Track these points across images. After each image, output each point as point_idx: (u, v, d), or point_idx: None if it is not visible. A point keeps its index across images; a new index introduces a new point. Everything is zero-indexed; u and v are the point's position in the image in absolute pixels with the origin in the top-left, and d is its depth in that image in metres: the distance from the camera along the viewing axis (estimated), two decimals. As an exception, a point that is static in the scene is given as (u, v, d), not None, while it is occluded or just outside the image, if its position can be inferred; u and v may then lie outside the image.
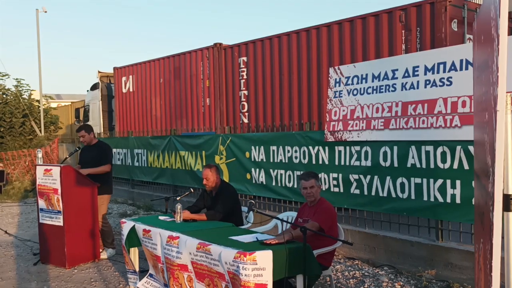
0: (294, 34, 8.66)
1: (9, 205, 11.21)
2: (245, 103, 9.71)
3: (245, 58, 9.65)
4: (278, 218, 4.14)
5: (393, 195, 5.45)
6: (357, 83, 5.89)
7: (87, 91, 16.98)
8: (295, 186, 6.74)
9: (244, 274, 3.27)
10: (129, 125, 13.13)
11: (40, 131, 18.95)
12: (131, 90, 13.09)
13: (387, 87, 5.51)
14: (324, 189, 6.05)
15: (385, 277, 5.08)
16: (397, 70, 5.48)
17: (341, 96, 6.05)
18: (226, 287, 3.54)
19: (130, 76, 13.09)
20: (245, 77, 9.69)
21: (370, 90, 5.71)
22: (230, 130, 8.56)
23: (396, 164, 5.42)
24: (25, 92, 19.93)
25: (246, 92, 9.66)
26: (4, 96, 19.03)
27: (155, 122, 12.19)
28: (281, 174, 7.03)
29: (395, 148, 5.42)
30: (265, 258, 3.34)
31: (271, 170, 7.19)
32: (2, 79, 19.44)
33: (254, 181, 7.53)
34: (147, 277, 4.70)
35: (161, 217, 4.89)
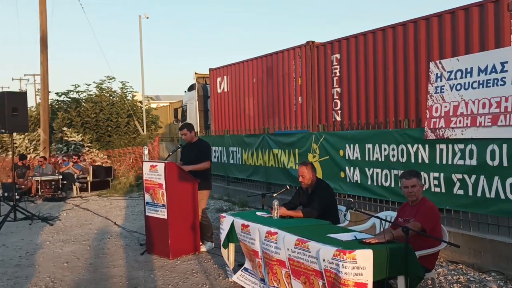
0: (390, 29, 8.39)
1: (117, 199, 12.14)
2: (338, 101, 9.60)
3: (338, 55, 9.53)
4: (378, 218, 4.05)
5: (502, 196, 5.08)
6: (461, 77, 5.57)
7: (185, 92, 17.83)
8: (392, 185, 6.55)
9: (343, 272, 3.26)
10: (223, 124, 13.58)
11: (143, 130, 20.26)
12: (225, 90, 13.52)
13: (495, 81, 5.15)
14: (423, 189, 5.81)
15: (494, 283, 4.77)
16: (506, 62, 5.10)
17: (443, 92, 5.76)
18: (323, 285, 3.55)
19: (225, 77, 13.52)
20: (338, 74, 9.58)
21: (475, 85, 5.38)
22: (323, 128, 8.52)
23: (505, 163, 5.05)
24: (129, 93, 21.41)
25: (339, 89, 9.55)
26: (111, 98, 20.59)
27: (248, 121, 12.49)
28: (377, 173, 6.86)
29: (505, 146, 5.05)
30: (365, 257, 3.30)
31: (366, 169, 7.05)
32: (109, 82, 21.06)
33: (348, 180, 7.43)
34: (241, 271, 4.85)
35: (258, 213, 5.02)
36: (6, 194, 11.11)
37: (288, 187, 5.63)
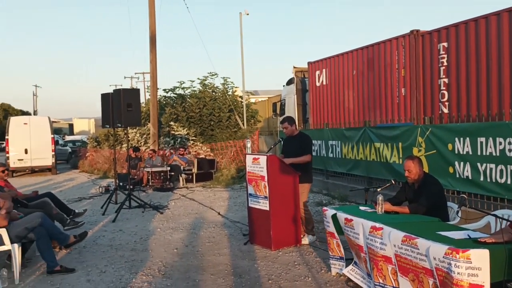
0: (505, 13, 7.74)
1: (219, 190, 12.64)
2: (445, 92, 9.08)
3: (445, 44, 9.00)
4: (496, 216, 3.78)
5: None
6: None
7: (283, 86, 18.00)
8: (509, 182, 6.07)
9: (456, 272, 3.10)
10: (322, 117, 13.50)
11: (243, 124, 20.83)
12: (324, 83, 13.42)
13: None
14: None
15: None
16: None
17: None
18: (433, 284, 3.41)
19: (324, 70, 13.42)
20: (445, 64, 9.05)
21: None
22: (429, 121, 8.12)
23: None
24: (230, 89, 22.12)
25: (446, 80, 9.02)
26: (213, 93, 21.44)
27: (347, 114, 12.28)
28: (490, 169, 6.40)
29: None
30: (481, 258, 3.11)
31: (478, 164, 6.61)
32: (212, 78, 21.94)
33: (457, 175, 7.01)
34: (352, 265, 4.81)
35: (361, 208, 4.94)
36: (121, 184, 12.08)
37: (393, 181, 5.46)
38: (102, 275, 5.44)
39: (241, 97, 22.68)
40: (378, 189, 5.18)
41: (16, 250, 5.33)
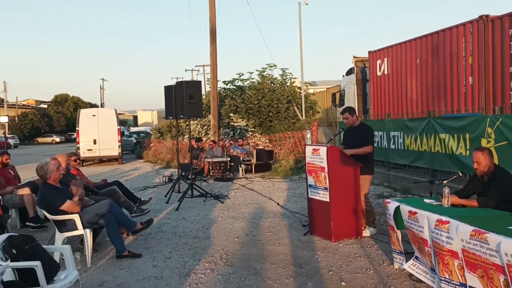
0: None
1: (278, 181, 12.70)
2: (518, 80, 8.57)
3: (519, 29, 8.49)
4: None
5: None
6: None
7: (343, 76, 17.71)
8: None
9: (530, 269, 2.95)
10: (383, 107, 13.17)
11: (301, 115, 20.75)
12: (385, 72, 13.07)
13: None
14: None
15: None
16: None
17: None
18: (504, 281, 3.26)
19: (385, 59, 13.06)
20: (518, 50, 8.54)
21: None
22: (499, 111, 7.70)
23: None
24: (288, 80, 22.08)
25: (519, 67, 8.51)
26: (272, 84, 21.49)
27: (410, 104, 11.91)
28: None
29: None
30: (558, 254, 2.94)
31: (554, 156, 6.20)
32: (270, 69, 21.99)
33: (531, 168, 6.62)
34: (413, 260, 4.70)
35: (426, 200, 4.79)
36: (183, 174, 12.45)
37: (460, 174, 5.25)
38: (167, 261, 5.65)
39: (299, 88, 22.57)
40: (444, 182, 5.01)
41: (88, 235, 5.66)
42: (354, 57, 15.79)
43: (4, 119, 18.26)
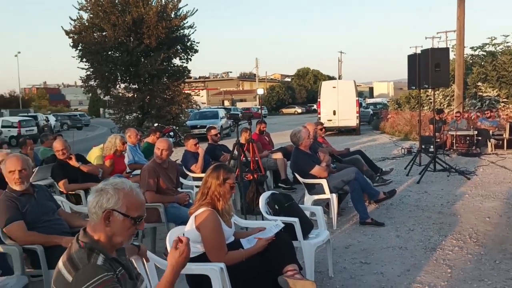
0: None
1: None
2: None
3: None
4: None
5: None
6: None
7: None
8: None
9: None
10: None
11: None
12: None
13: None
14: None
15: None
16: None
17: None
18: None
19: None
20: None
21: None
22: None
23: None
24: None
25: None
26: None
27: None
28: None
29: None
30: None
31: None
32: None
33: None
34: None
35: None
36: (423, 147, 11.94)
37: None
38: (411, 233, 5.59)
39: None
40: None
41: (334, 199, 6.01)
42: None
43: (260, 91, 20.81)
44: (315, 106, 49.55)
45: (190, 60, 23.43)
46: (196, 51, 23.46)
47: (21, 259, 3.56)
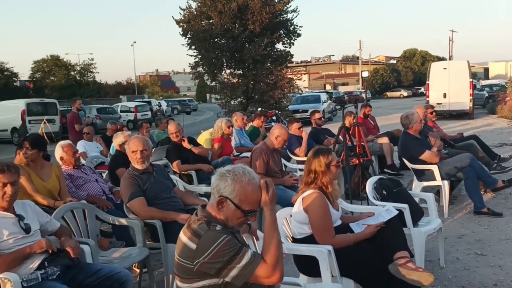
0: None
1: None
2: None
3: None
4: None
5: None
6: None
7: None
8: None
9: None
10: None
11: None
12: None
13: None
14: None
15: None
16: None
17: None
18: None
19: None
20: None
21: None
22: None
23: None
24: None
25: None
26: None
27: None
28: None
29: None
30: None
31: None
32: None
33: None
34: None
35: None
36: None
37: None
38: (533, 225, 5.14)
39: None
40: None
41: (446, 187, 5.70)
42: None
43: (365, 74, 20.35)
44: (422, 89, 47.03)
45: (293, 44, 23.45)
46: (299, 35, 23.40)
47: (142, 232, 3.83)
